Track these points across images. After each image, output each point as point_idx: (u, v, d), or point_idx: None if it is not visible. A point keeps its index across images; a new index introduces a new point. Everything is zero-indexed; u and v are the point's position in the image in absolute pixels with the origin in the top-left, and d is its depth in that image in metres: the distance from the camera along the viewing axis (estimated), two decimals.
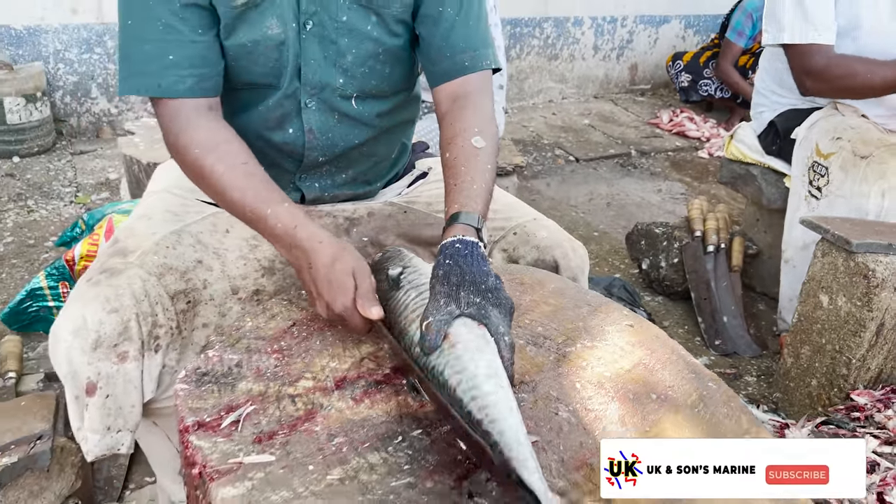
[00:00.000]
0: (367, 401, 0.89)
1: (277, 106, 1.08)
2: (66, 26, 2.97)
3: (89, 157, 2.97)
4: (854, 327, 1.53)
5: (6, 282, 2.11)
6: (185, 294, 1.04)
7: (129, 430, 1.03)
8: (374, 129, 1.15)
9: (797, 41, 1.80)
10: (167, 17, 0.97)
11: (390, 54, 1.11)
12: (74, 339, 0.95)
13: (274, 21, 1.01)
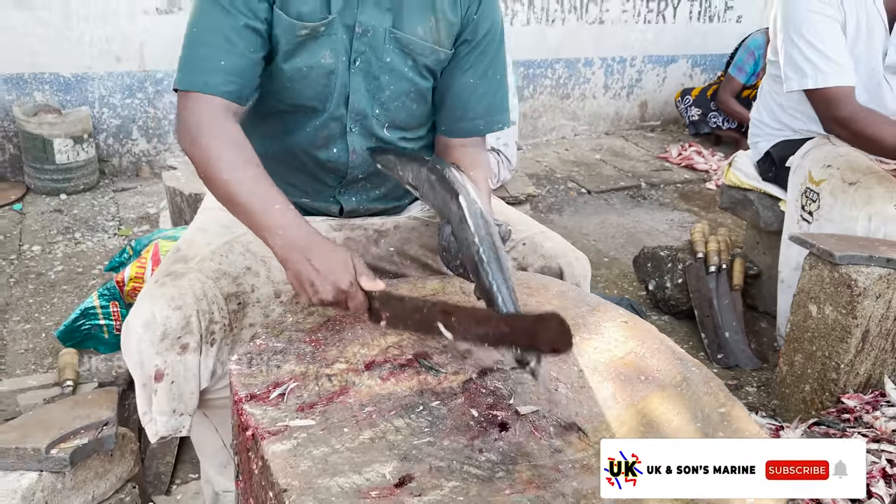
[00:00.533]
0: (392, 379, 1.03)
1: (324, 127, 1.26)
2: (111, 73, 3.21)
3: (130, 193, 3.18)
4: (841, 334, 1.65)
5: (57, 306, 2.29)
6: (236, 296, 1.21)
7: (188, 415, 1.18)
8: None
9: (820, 86, 1.89)
10: (227, 31, 1.14)
11: (419, 94, 1.31)
12: (144, 332, 1.12)
13: (328, 52, 1.20)
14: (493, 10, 1.31)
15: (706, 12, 4.34)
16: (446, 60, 1.29)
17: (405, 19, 1.24)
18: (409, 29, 1.24)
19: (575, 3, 3.98)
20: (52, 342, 2.07)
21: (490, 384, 1.03)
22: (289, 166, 1.29)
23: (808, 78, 1.90)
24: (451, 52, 1.29)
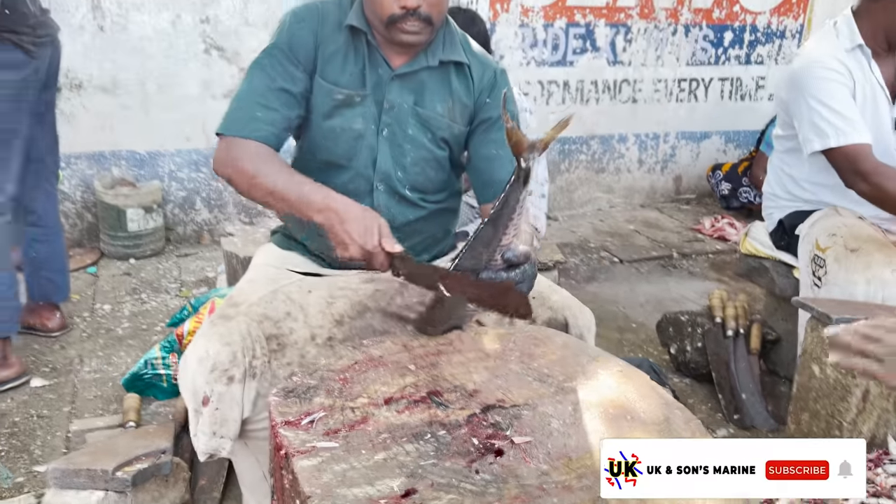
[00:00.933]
0: (406, 412, 1.19)
1: (352, 183, 1.49)
2: (180, 151, 3.55)
3: (191, 258, 3.47)
4: (842, 393, 1.74)
5: (123, 358, 2.53)
6: (276, 337, 1.40)
7: (229, 439, 1.36)
8: (423, 211, 1.56)
9: (842, 144, 2.01)
10: (265, 91, 1.43)
11: (437, 162, 1.53)
12: (198, 365, 1.32)
13: (359, 119, 1.46)
14: (509, 94, 1.49)
15: (737, 91, 4.52)
16: (461, 135, 1.52)
17: (426, 99, 1.49)
18: (429, 107, 1.49)
19: (608, 84, 4.22)
20: (117, 389, 2.29)
21: (491, 418, 1.18)
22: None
23: (829, 138, 2.03)
24: (466, 129, 1.52)
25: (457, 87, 1.51)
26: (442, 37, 1.51)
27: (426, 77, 1.50)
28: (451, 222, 1.70)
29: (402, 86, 1.48)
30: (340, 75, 1.46)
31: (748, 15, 4.38)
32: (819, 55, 2.11)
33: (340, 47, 1.47)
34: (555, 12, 3.97)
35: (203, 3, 3.38)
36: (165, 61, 3.40)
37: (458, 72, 1.52)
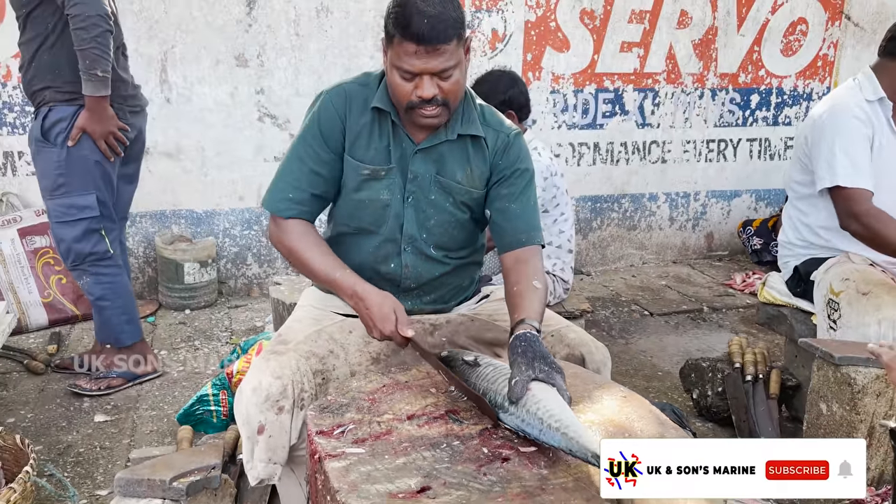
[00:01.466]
0: (426, 427, 1.35)
1: (382, 247, 1.67)
2: (234, 209, 3.84)
3: (242, 310, 3.70)
4: (847, 429, 1.82)
5: (178, 398, 2.73)
6: (321, 372, 1.58)
7: (280, 464, 1.52)
8: (447, 266, 1.73)
9: (847, 185, 2.17)
10: (297, 174, 1.65)
11: (458, 223, 1.71)
12: (252, 396, 1.49)
13: (385, 190, 1.64)
14: (520, 154, 1.69)
15: (766, 151, 4.65)
16: (480, 198, 1.69)
17: (447, 168, 1.66)
18: (449, 175, 1.66)
19: (637, 146, 4.40)
20: (172, 425, 2.49)
21: (501, 432, 1.33)
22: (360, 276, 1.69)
23: (839, 177, 2.19)
24: (484, 191, 1.68)
25: (473, 157, 1.66)
26: (461, 112, 1.64)
27: (446, 149, 1.64)
28: (475, 273, 1.88)
29: (425, 158, 1.64)
30: (366, 152, 1.63)
31: (774, 78, 4.54)
32: (845, 102, 2.28)
33: (366, 126, 1.63)
34: (584, 79, 4.20)
35: (258, 76, 3.71)
36: (223, 129, 3.72)
37: (475, 143, 1.66)
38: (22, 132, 3.45)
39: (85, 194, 2.62)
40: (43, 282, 3.39)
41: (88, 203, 2.63)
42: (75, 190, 2.60)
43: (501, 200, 1.68)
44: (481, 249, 1.88)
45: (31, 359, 2.95)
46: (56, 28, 2.47)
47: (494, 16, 3.97)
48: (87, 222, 2.64)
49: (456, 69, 1.52)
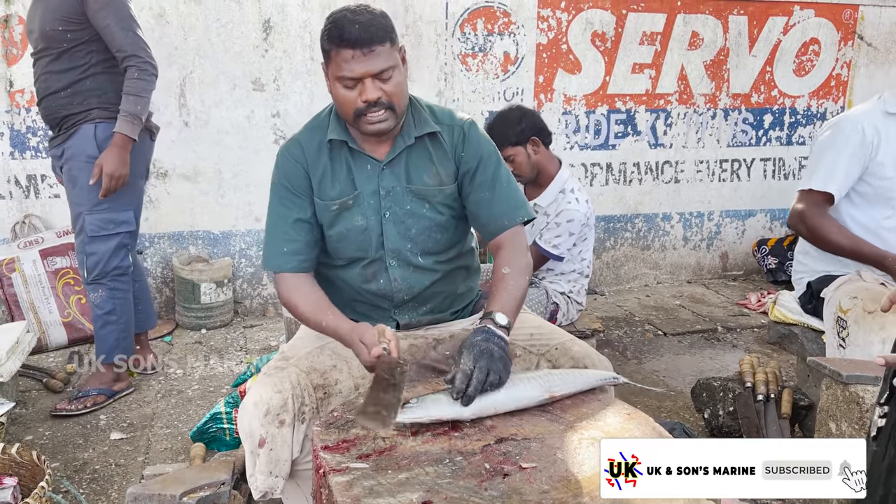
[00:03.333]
0: (430, 443, 1.37)
1: (369, 267, 1.71)
2: (250, 230, 3.90)
3: (257, 329, 3.74)
4: None
5: (192, 416, 2.76)
6: (322, 387, 1.60)
7: (282, 478, 1.54)
8: (437, 274, 1.76)
9: (817, 188, 2.23)
10: (284, 227, 1.69)
11: (439, 226, 1.74)
12: (254, 410, 1.52)
13: (359, 217, 1.68)
14: (479, 141, 1.73)
15: (780, 171, 4.64)
16: (452, 194, 1.72)
17: (413, 175, 1.70)
18: (418, 180, 1.70)
19: (650, 166, 4.42)
20: (186, 442, 2.52)
21: (503, 448, 1.34)
22: (354, 300, 1.76)
23: (813, 181, 2.24)
24: (455, 185, 1.71)
25: (435, 155, 1.71)
26: (411, 117, 1.69)
27: (407, 156, 1.69)
28: (470, 278, 1.88)
29: (392, 171, 1.69)
30: (331, 190, 1.69)
31: (787, 98, 4.55)
32: (854, 113, 2.32)
33: (327, 166, 1.69)
34: (596, 100, 4.24)
35: (274, 100, 3.79)
36: (240, 151, 3.79)
37: (433, 140, 1.71)
38: (45, 156, 3.54)
39: (125, 210, 2.79)
40: (63, 302, 3.46)
41: (126, 218, 2.79)
42: (117, 205, 2.75)
43: (476, 192, 1.71)
44: (470, 254, 1.89)
45: (50, 377, 3.01)
46: (99, 61, 2.70)
47: (506, 39, 4.02)
48: (121, 237, 2.79)
49: (394, 70, 1.58)
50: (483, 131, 1.78)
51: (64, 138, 2.74)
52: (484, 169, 1.71)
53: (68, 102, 2.70)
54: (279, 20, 3.71)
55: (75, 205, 2.77)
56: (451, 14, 3.92)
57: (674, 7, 4.21)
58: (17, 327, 2.73)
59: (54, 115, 2.73)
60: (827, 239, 2.26)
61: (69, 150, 2.73)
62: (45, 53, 2.69)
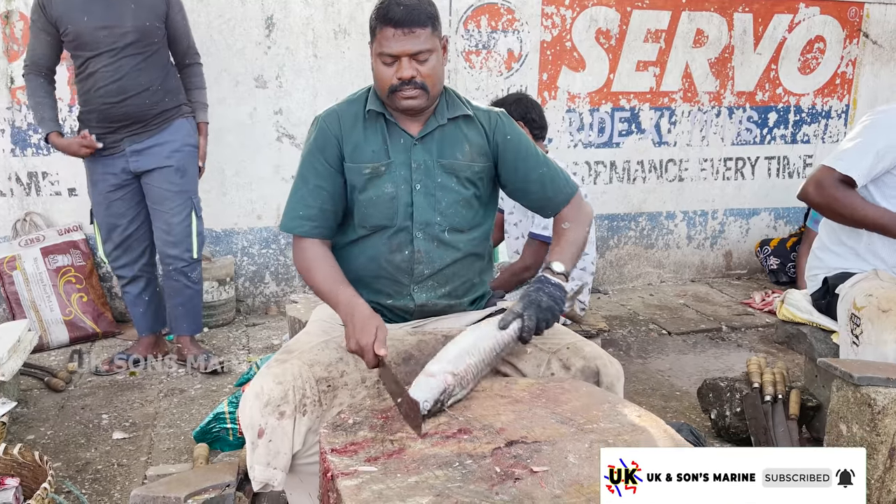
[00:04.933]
0: (439, 445, 1.35)
1: (395, 237, 1.74)
2: (252, 228, 3.88)
3: (259, 328, 3.72)
4: (868, 451, 1.79)
5: (195, 416, 2.75)
6: (326, 380, 1.59)
7: (281, 470, 1.52)
8: (459, 252, 1.78)
9: (840, 169, 2.18)
10: (304, 191, 1.76)
11: (466, 201, 1.78)
12: (255, 401, 1.51)
13: (389, 184, 1.72)
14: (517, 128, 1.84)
15: (784, 169, 4.62)
16: (481, 172, 1.78)
17: (446, 151, 1.76)
18: (449, 156, 1.76)
19: (654, 164, 4.39)
20: (189, 442, 2.50)
21: (514, 451, 1.32)
22: (374, 274, 1.76)
23: (840, 161, 2.19)
24: (488, 164, 1.79)
25: (468, 134, 1.78)
26: (445, 101, 1.78)
27: (440, 134, 1.76)
28: (484, 270, 1.89)
29: (424, 147, 1.75)
30: (364, 154, 1.75)
31: (791, 97, 4.53)
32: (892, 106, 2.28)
33: (360, 133, 1.75)
34: (600, 98, 4.22)
35: (277, 97, 3.77)
36: (242, 149, 3.77)
37: (467, 122, 1.79)
38: (46, 153, 3.52)
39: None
40: (64, 300, 3.45)
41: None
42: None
43: (533, 170, 1.81)
44: (487, 243, 1.90)
45: (51, 376, 2.99)
46: (171, 60, 3.02)
47: (510, 36, 4.00)
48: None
49: (431, 55, 1.67)
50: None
51: (152, 133, 2.93)
52: (528, 149, 1.82)
53: (161, 99, 2.92)
54: (282, 17, 3.69)
55: (183, 192, 3.03)
56: (454, 11, 3.90)
57: (678, 4, 4.19)
58: (19, 326, 2.71)
59: (145, 111, 2.89)
60: (849, 208, 2.18)
61: (170, 143, 2.96)
62: (134, 51, 2.83)
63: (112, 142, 2.91)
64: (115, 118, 2.87)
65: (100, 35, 2.78)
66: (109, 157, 2.94)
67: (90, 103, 2.88)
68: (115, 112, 2.86)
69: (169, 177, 2.98)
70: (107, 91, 2.83)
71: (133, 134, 2.92)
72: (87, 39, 2.79)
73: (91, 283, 3.55)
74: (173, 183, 2.99)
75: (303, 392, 1.54)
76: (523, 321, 1.56)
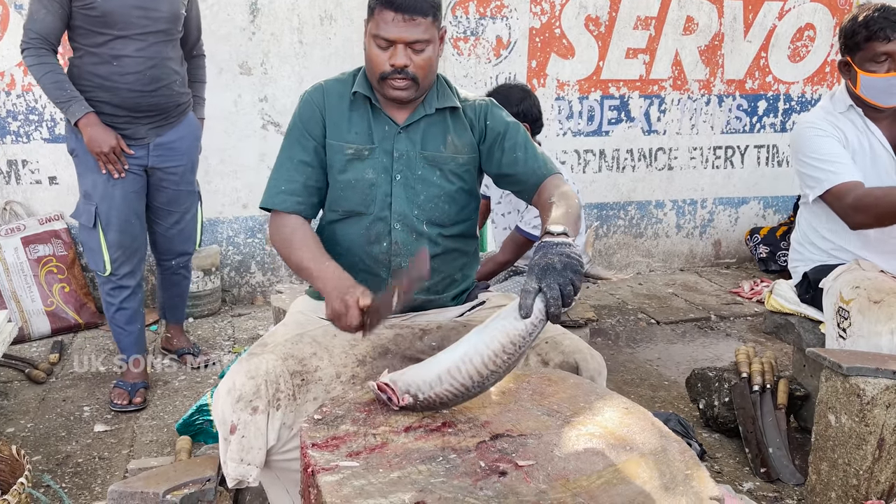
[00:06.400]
0: (422, 439, 1.32)
1: (373, 227, 1.70)
2: (238, 218, 3.82)
3: (245, 318, 3.68)
4: (857, 441, 1.78)
5: (178, 407, 2.71)
6: (300, 374, 1.55)
7: (255, 466, 1.49)
8: (438, 248, 1.73)
9: (833, 184, 2.15)
10: (288, 166, 1.71)
11: (448, 196, 1.74)
12: (227, 396, 1.47)
13: (370, 170, 1.68)
14: (502, 114, 1.79)
15: (773, 158, 4.60)
16: (466, 164, 1.74)
17: (429, 142, 1.72)
18: (432, 148, 1.71)
19: (644, 153, 4.37)
20: (171, 434, 2.46)
21: (499, 445, 1.30)
22: (350, 265, 1.70)
23: (823, 182, 2.17)
24: (471, 156, 1.74)
25: (453, 127, 1.74)
26: (435, 89, 1.74)
27: (426, 124, 1.72)
28: (468, 266, 1.85)
29: (408, 136, 1.71)
30: (347, 133, 1.72)
31: (781, 84, 4.51)
32: (809, 118, 2.30)
33: (345, 112, 1.73)
34: (590, 86, 4.18)
35: (262, 84, 3.71)
36: (227, 137, 3.71)
37: (453, 114, 1.75)
38: (26, 140, 3.46)
39: None
40: (46, 290, 3.39)
41: None
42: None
43: (508, 154, 1.75)
44: (473, 240, 1.86)
45: (32, 368, 2.94)
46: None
47: (499, 23, 3.95)
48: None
49: (428, 45, 1.63)
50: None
51: (172, 125, 2.73)
52: (513, 134, 1.76)
53: (181, 90, 2.74)
54: (266, 2, 3.63)
55: (195, 191, 2.93)
56: None
57: None
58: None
59: (170, 102, 2.69)
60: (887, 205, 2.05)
61: (186, 138, 2.79)
62: (164, 38, 2.61)
63: (131, 134, 2.62)
64: (142, 108, 2.60)
65: (133, 15, 2.49)
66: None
67: (108, 90, 2.54)
68: (144, 102, 2.59)
69: (186, 175, 2.83)
70: (138, 79, 2.55)
71: (157, 126, 2.67)
72: (117, 18, 2.47)
73: (73, 273, 3.49)
74: (190, 182, 2.87)
75: (276, 386, 1.50)
76: (546, 295, 1.27)
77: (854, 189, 2.12)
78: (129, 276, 2.73)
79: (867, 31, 2.18)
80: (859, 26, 2.21)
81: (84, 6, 2.45)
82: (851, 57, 2.24)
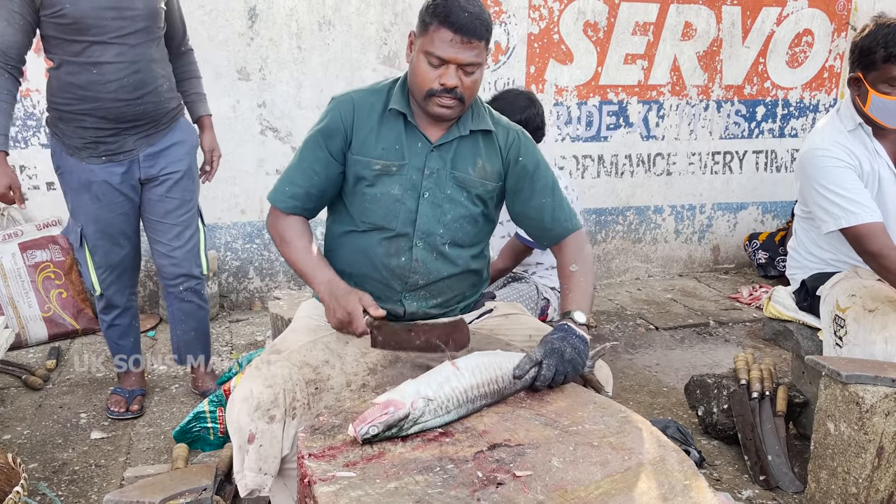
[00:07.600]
0: (420, 449, 1.31)
1: (393, 242, 1.71)
2: (236, 223, 3.82)
3: (243, 324, 3.67)
4: (856, 449, 1.77)
5: (176, 414, 2.70)
6: (314, 382, 1.55)
7: (271, 476, 1.48)
8: (456, 268, 1.75)
9: (852, 224, 2.09)
10: (298, 169, 1.75)
11: (472, 217, 1.75)
12: (243, 404, 1.46)
13: (397, 186, 1.69)
14: (534, 147, 1.79)
15: (772, 163, 4.60)
16: (492, 192, 1.75)
17: (459, 163, 1.72)
18: (462, 169, 1.72)
19: (642, 158, 4.37)
20: (168, 442, 2.45)
21: (497, 455, 1.29)
22: (368, 276, 1.73)
23: (840, 219, 2.11)
24: (497, 185, 1.75)
25: (484, 151, 1.75)
26: (471, 110, 1.75)
27: (458, 145, 1.73)
28: (478, 284, 1.87)
29: (440, 155, 1.71)
30: (374, 149, 1.71)
31: (780, 90, 4.51)
32: (821, 141, 2.19)
33: (374, 127, 1.72)
34: (588, 91, 4.18)
35: (260, 90, 3.70)
36: (225, 142, 3.68)
37: (486, 138, 1.76)
38: (23, 146, 3.45)
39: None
40: (43, 296, 3.38)
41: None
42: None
43: (538, 196, 1.77)
44: (485, 260, 1.87)
45: (29, 374, 2.93)
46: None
47: (497, 28, 3.95)
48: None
49: (478, 69, 1.64)
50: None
51: (163, 132, 2.52)
52: (543, 174, 1.78)
53: (169, 95, 2.52)
54: (265, 8, 3.63)
55: (192, 200, 2.66)
56: None
57: None
58: None
59: (158, 109, 2.48)
60: None
61: (180, 145, 2.57)
62: (145, 38, 2.38)
63: (116, 147, 2.44)
64: (128, 118, 2.41)
65: (107, 17, 2.28)
66: (111, 164, 2.46)
67: (90, 101, 2.35)
68: (129, 111, 2.40)
69: (182, 183, 2.58)
70: (121, 86, 2.35)
71: (145, 135, 2.48)
72: (90, 23, 2.27)
73: (71, 278, 3.48)
74: (187, 190, 2.61)
75: (293, 395, 1.50)
76: (540, 369, 1.47)
77: (875, 235, 2.05)
78: (119, 294, 2.64)
79: (886, 51, 2.06)
80: (878, 45, 2.08)
81: (52, 14, 2.26)
82: (864, 74, 2.14)
